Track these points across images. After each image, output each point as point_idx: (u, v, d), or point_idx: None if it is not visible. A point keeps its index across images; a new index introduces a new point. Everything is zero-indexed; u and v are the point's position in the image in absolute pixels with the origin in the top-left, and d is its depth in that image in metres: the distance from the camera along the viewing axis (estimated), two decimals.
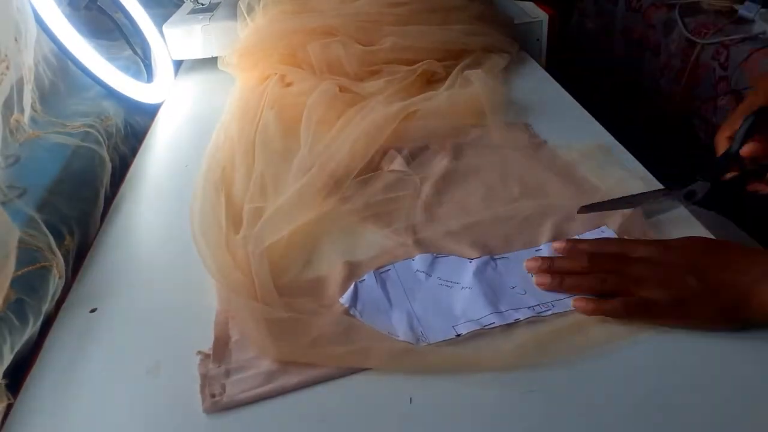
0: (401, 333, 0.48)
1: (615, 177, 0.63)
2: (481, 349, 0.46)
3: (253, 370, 0.45)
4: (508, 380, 0.43)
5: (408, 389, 0.43)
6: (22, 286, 0.49)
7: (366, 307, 0.50)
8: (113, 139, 0.77)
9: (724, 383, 0.42)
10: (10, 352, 0.46)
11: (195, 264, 0.56)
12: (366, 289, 0.52)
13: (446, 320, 0.48)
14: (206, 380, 0.45)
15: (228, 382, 0.45)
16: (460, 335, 0.47)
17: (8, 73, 0.58)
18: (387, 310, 0.50)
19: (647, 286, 0.45)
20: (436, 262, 0.54)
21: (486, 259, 0.54)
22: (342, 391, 0.44)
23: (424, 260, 0.54)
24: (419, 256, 0.55)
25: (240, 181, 0.67)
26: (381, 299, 0.51)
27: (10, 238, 0.48)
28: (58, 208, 0.60)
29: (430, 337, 0.47)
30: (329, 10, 0.93)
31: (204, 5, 1.09)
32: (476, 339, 0.47)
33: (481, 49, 0.93)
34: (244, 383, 0.44)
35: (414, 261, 0.55)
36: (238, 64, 0.94)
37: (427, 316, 0.49)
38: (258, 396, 0.44)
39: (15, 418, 0.45)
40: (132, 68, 0.90)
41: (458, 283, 0.52)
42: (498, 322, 0.47)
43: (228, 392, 0.44)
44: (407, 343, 0.47)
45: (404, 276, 0.53)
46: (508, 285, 0.51)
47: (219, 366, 0.46)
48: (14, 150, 0.61)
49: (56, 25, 0.72)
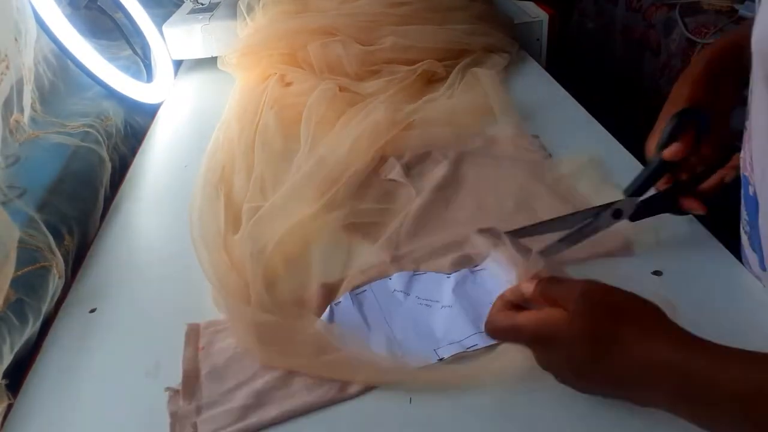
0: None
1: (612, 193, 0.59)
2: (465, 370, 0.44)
3: (226, 405, 0.43)
4: (507, 380, 0.43)
5: (408, 389, 0.43)
6: (22, 286, 0.49)
7: (344, 330, 0.48)
8: (113, 139, 0.77)
9: None
10: (10, 352, 0.46)
11: (195, 264, 0.56)
12: (342, 311, 0.50)
13: (427, 343, 0.46)
14: (176, 419, 0.42)
15: (200, 420, 0.42)
16: (442, 359, 0.45)
17: (8, 73, 0.58)
18: (365, 334, 0.48)
19: (543, 362, 0.40)
20: (414, 280, 0.52)
21: (464, 272, 0.52)
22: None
23: (402, 279, 0.52)
24: (396, 275, 0.53)
25: (240, 181, 0.67)
26: (358, 322, 0.49)
27: (10, 238, 0.48)
28: (57, 208, 0.60)
29: (411, 361, 0.45)
30: (329, 10, 0.94)
31: (204, 5, 1.09)
32: (459, 361, 0.45)
33: (481, 49, 0.93)
34: (217, 421, 0.42)
35: (391, 280, 0.52)
36: (238, 64, 0.94)
37: (408, 339, 0.47)
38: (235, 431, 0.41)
39: (15, 418, 0.45)
40: (132, 68, 0.90)
41: (438, 302, 0.50)
42: (481, 343, 0.45)
43: (200, 430, 0.41)
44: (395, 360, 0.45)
45: (381, 297, 0.51)
46: (488, 300, 0.45)
47: (189, 403, 0.43)
48: (14, 150, 0.61)
49: (56, 25, 0.72)
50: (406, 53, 0.89)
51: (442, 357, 0.45)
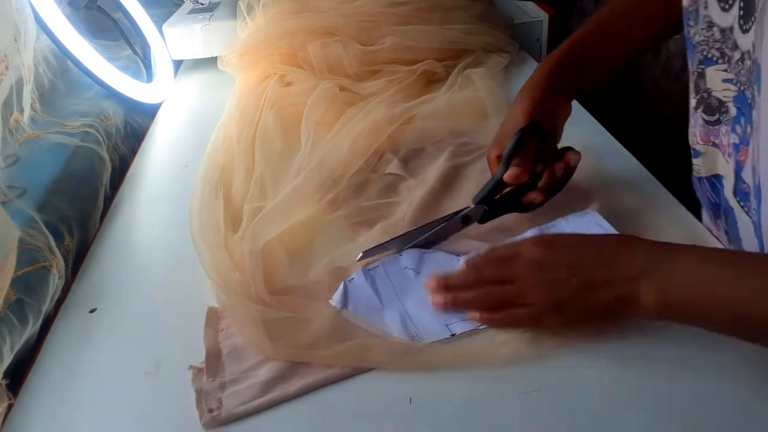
0: (395, 333, 0.47)
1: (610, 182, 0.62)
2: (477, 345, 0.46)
3: (249, 381, 0.44)
4: (508, 380, 0.43)
5: (408, 389, 0.43)
6: (22, 286, 0.49)
7: (358, 308, 0.50)
8: (113, 139, 0.77)
9: (723, 383, 0.42)
10: (10, 352, 0.46)
11: (195, 264, 0.56)
12: (356, 288, 0.51)
13: (440, 319, 0.48)
14: (201, 395, 0.44)
15: (224, 395, 0.44)
16: (454, 335, 0.47)
17: (8, 73, 0.58)
18: (379, 310, 0.50)
19: (530, 294, 0.45)
20: (425, 258, 0.54)
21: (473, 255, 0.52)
22: (341, 393, 0.44)
23: (413, 256, 0.54)
24: (406, 252, 0.54)
25: (239, 182, 0.67)
26: (372, 299, 0.50)
27: (10, 238, 0.48)
28: (57, 208, 0.60)
29: (424, 337, 0.47)
30: (329, 10, 0.93)
31: (204, 5, 1.09)
32: (471, 337, 0.47)
33: (481, 49, 0.93)
34: (240, 396, 0.43)
35: (401, 257, 0.54)
36: (238, 64, 0.94)
37: (421, 315, 0.49)
38: (257, 408, 0.43)
39: (15, 418, 0.45)
40: (132, 68, 0.90)
41: None
42: None
43: (225, 406, 0.43)
44: (406, 342, 0.46)
45: (393, 273, 0.53)
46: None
47: (213, 380, 0.45)
48: (14, 150, 0.61)
49: (56, 24, 0.72)
50: (406, 53, 0.89)
51: (454, 333, 0.47)
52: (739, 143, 0.47)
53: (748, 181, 0.46)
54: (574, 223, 0.55)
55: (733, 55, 0.46)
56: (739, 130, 0.47)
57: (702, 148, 0.53)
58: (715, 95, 0.49)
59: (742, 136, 0.46)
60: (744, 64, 0.44)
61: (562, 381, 0.43)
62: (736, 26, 0.44)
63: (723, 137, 0.49)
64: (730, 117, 0.48)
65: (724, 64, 0.47)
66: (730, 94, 0.47)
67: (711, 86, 0.50)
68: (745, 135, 0.46)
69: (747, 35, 0.43)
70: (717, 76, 0.48)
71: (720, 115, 0.49)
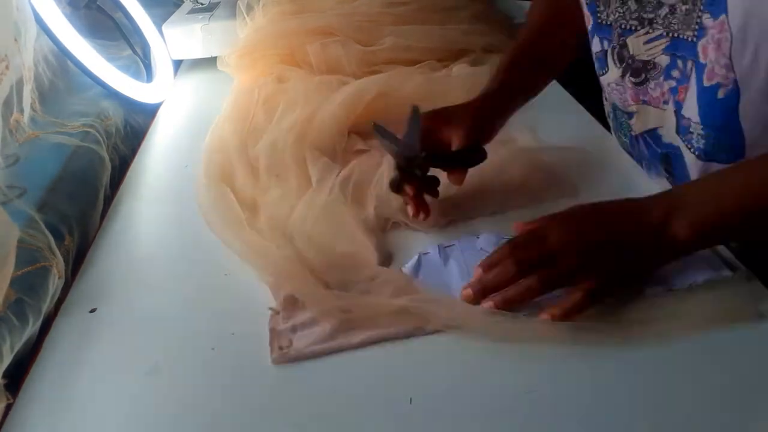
0: None
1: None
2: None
3: (318, 327, 0.48)
4: (507, 380, 0.43)
5: (408, 389, 0.43)
6: (22, 286, 0.49)
7: (427, 278, 0.52)
8: (113, 139, 0.77)
9: (724, 383, 0.42)
10: (10, 352, 0.46)
11: (195, 263, 0.57)
12: (429, 262, 0.54)
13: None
14: (275, 334, 0.48)
15: (295, 337, 0.48)
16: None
17: (8, 73, 0.58)
18: (447, 285, 0.51)
19: (582, 270, 0.46)
20: (501, 243, 0.53)
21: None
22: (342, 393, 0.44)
23: (489, 240, 0.55)
24: (483, 235, 0.55)
25: (241, 179, 0.67)
26: (442, 273, 0.52)
27: (10, 237, 0.48)
28: (58, 208, 0.60)
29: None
30: (329, 10, 0.94)
31: (203, 5, 1.09)
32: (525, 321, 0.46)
33: (481, 49, 0.93)
34: (309, 337, 0.47)
35: (478, 239, 0.55)
36: (238, 64, 0.94)
37: None
38: (321, 351, 0.46)
39: (15, 418, 0.45)
40: (132, 68, 0.90)
41: None
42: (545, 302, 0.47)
43: (295, 345, 0.47)
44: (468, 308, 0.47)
45: (467, 253, 0.54)
46: None
47: (287, 322, 0.49)
48: (14, 150, 0.61)
49: (56, 24, 0.72)
50: (405, 53, 0.90)
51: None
52: (676, 85, 0.55)
53: (689, 115, 0.54)
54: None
55: (657, 14, 0.54)
56: (676, 73, 0.55)
57: (635, 108, 0.60)
58: (639, 58, 0.57)
59: (680, 77, 0.54)
60: (677, 12, 0.52)
61: (563, 381, 0.43)
62: None
63: (652, 92, 0.58)
64: (658, 71, 0.56)
65: (644, 28, 0.55)
66: (658, 48, 0.55)
67: (634, 52, 0.57)
68: (684, 73, 0.53)
69: None
70: (639, 41, 0.56)
71: (646, 73, 0.57)
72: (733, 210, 0.46)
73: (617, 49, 0.59)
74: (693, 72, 0.52)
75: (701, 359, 0.43)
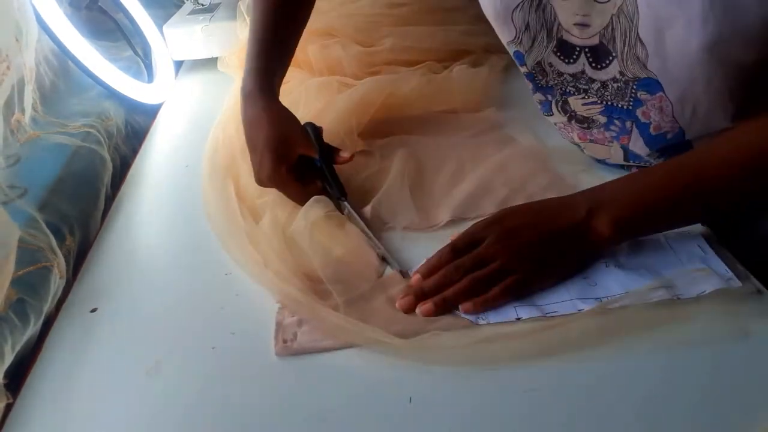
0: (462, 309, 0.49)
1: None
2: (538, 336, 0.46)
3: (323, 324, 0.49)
4: (507, 379, 0.43)
5: (408, 389, 0.43)
6: (23, 285, 0.49)
7: None
8: (114, 139, 0.77)
9: (726, 383, 0.42)
10: (11, 352, 0.46)
11: (195, 263, 0.57)
12: None
13: (510, 302, 0.49)
14: (280, 327, 0.49)
15: (300, 331, 0.48)
16: (519, 318, 0.47)
17: (9, 73, 0.58)
18: None
19: (511, 263, 0.49)
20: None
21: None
22: (341, 394, 0.44)
23: None
24: None
25: (244, 179, 0.67)
26: None
27: (11, 237, 0.48)
28: (59, 208, 0.60)
29: (490, 317, 0.48)
30: (329, 11, 0.93)
31: (204, 6, 1.09)
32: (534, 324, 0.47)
33: (481, 50, 0.93)
34: (314, 333, 0.48)
35: None
36: (238, 65, 0.94)
37: None
38: (324, 348, 0.47)
39: (15, 418, 0.45)
40: (133, 68, 0.90)
41: None
42: (561, 311, 0.47)
43: (299, 339, 0.48)
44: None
45: None
46: (580, 275, 0.50)
47: (293, 316, 0.49)
48: (15, 150, 0.61)
49: (57, 25, 0.72)
50: (405, 54, 0.89)
51: (520, 317, 0.48)
52: (618, 134, 0.60)
53: (638, 151, 0.60)
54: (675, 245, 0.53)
55: (591, 87, 0.59)
56: (615, 128, 0.60)
57: (583, 144, 0.66)
58: (580, 114, 0.62)
59: (619, 131, 0.60)
60: (608, 88, 0.57)
61: (563, 380, 0.43)
62: (588, 69, 0.57)
63: (597, 135, 0.62)
64: (599, 124, 0.61)
65: (581, 94, 0.60)
66: (594, 111, 0.60)
67: (575, 109, 0.62)
68: (624, 128, 0.59)
69: (605, 70, 0.56)
70: (578, 102, 0.61)
71: (588, 123, 0.62)
72: (655, 200, 0.49)
73: (560, 103, 0.63)
74: (634, 127, 0.58)
75: (703, 364, 0.43)
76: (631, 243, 0.53)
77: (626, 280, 0.49)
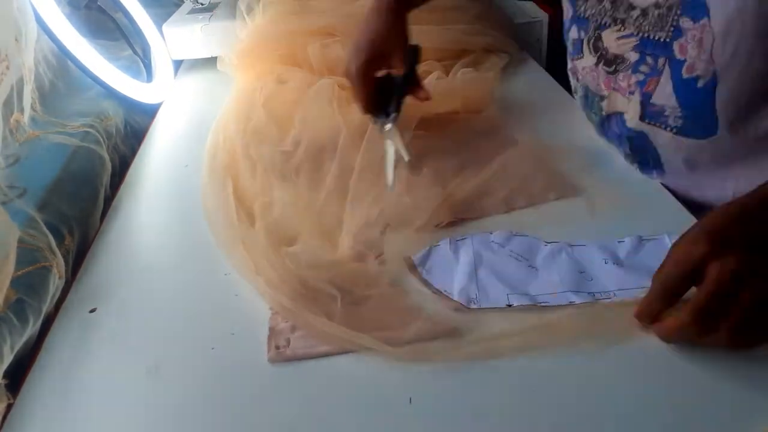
0: (456, 292, 0.50)
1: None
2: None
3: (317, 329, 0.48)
4: (507, 380, 0.43)
5: (408, 389, 0.43)
6: (23, 286, 0.49)
7: (433, 268, 0.53)
8: (113, 139, 0.77)
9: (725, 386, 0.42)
10: (10, 352, 0.46)
11: (195, 263, 0.57)
12: (438, 252, 0.55)
13: (503, 289, 0.50)
14: (273, 333, 0.49)
15: (293, 336, 0.48)
16: (510, 305, 0.48)
17: (8, 73, 0.58)
18: (452, 272, 0.52)
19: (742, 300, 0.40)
20: (512, 239, 0.56)
21: (562, 244, 0.54)
22: (339, 394, 0.44)
23: (501, 235, 0.56)
24: (497, 232, 0.57)
25: (244, 180, 0.67)
26: (450, 262, 0.54)
27: (11, 237, 0.48)
28: (58, 208, 0.60)
29: (482, 301, 0.49)
30: (329, 10, 0.93)
31: (204, 5, 1.09)
32: (525, 313, 0.47)
33: (481, 49, 0.93)
34: (307, 339, 0.48)
35: (492, 235, 0.57)
36: (238, 65, 0.94)
37: (487, 280, 0.51)
38: (318, 354, 0.47)
39: (15, 418, 0.45)
40: (132, 68, 0.90)
41: (527, 260, 0.53)
42: (552, 302, 0.48)
43: (292, 345, 0.47)
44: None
45: (478, 244, 0.55)
46: (576, 269, 0.51)
47: (287, 322, 0.49)
48: (14, 150, 0.61)
49: (56, 25, 0.72)
50: None
51: (511, 303, 0.48)
52: (645, 78, 0.59)
53: (660, 103, 0.58)
54: None
55: (629, 15, 0.59)
56: (644, 68, 0.59)
57: (607, 93, 0.65)
58: (612, 51, 0.62)
59: (648, 71, 0.59)
60: (648, 16, 0.57)
61: (563, 380, 0.43)
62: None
63: (621, 82, 0.62)
64: (627, 65, 0.61)
65: (617, 26, 0.61)
66: (627, 45, 0.60)
67: (607, 45, 0.63)
68: (655, 68, 0.58)
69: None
70: (611, 36, 0.62)
71: (616, 65, 0.62)
72: None
73: (593, 40, 0.64)
74: (666, 67, 0.57)
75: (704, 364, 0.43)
76: (633, 242, 0.53)
77: (623, 279, 0.49)
